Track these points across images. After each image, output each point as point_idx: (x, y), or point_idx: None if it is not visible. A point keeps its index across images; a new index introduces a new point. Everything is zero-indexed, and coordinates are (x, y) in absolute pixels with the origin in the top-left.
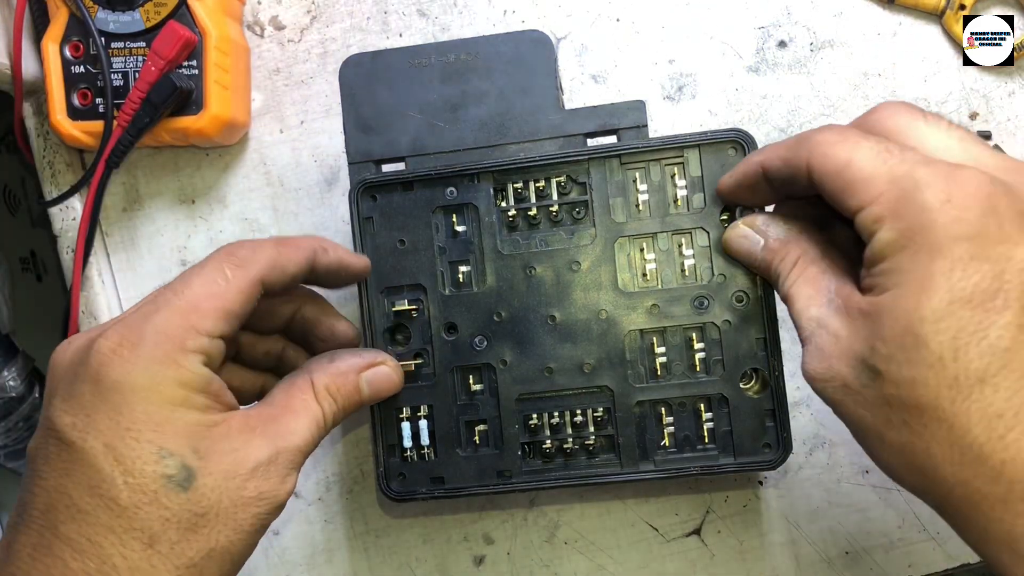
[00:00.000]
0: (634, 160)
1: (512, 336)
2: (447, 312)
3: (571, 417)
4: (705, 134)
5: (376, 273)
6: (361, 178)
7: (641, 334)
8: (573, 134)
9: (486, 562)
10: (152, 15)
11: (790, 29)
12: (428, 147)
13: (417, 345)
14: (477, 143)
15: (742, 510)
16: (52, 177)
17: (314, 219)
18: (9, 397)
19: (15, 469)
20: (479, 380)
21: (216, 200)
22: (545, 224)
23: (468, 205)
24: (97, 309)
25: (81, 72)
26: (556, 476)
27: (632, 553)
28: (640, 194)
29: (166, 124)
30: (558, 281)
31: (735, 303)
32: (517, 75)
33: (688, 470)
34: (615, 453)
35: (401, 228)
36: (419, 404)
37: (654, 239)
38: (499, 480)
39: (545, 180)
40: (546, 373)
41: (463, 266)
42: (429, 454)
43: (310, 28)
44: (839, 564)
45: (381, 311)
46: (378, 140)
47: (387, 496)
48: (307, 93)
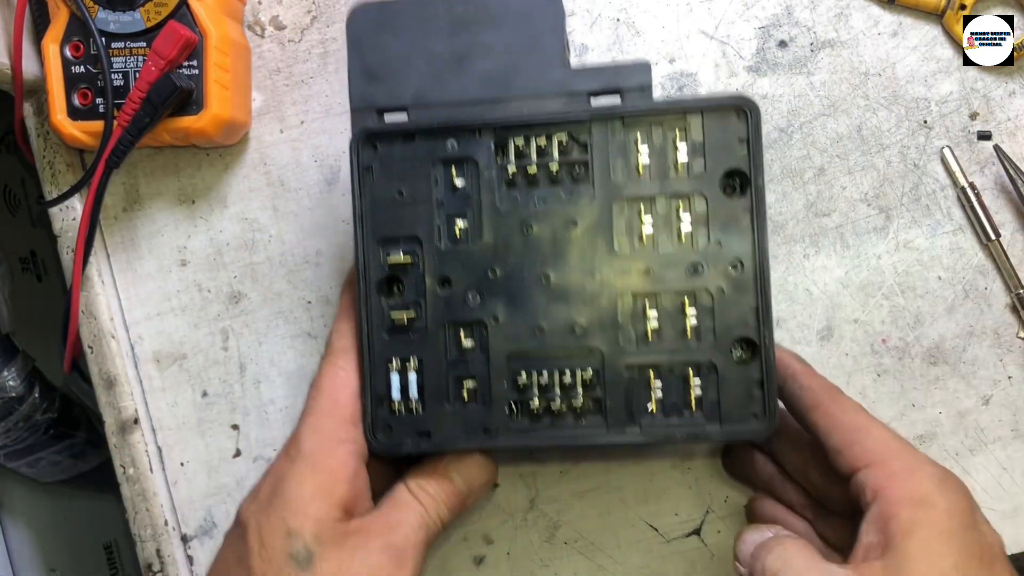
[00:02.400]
0: (637, 122)
1: (505, 293)
2: (442, 266)
3: (560, 378)
4: (709, 99)
5: (373, 222)
6: (363, 126)
7: (634, 298)
8: (577, 92)
9: (486, 562)
10: (152, 15)
11: (790, 29)
12: (431, 99)
13: (410, 298)
14: (481, 97)
15: (742, 510)
16: (52, 177)
17: (314, 219)
18: (9, 397)
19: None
20: (470, 336)
21: (216, 200)
22: (544, 182)
23: (468, 159)
24: (97, 309)
25: (81, 72)
26: (542, 436)
27: (632, 553)
28: (641, 157)
29: (166, 124)
30: (554, 240)
31: (730, 270)
32: (525, 30)
33: (674, 436)
34: (602, 416)
35: (400, 179)
36: (409, 356)
37: (652, 203)
38: (485, 437)
39: (546, 138)
40: (537, 332)
41: (460, 221)
42: (417, 408)
43: (310, 28)
44: None
45: (376, 261)
46: (382, 89)
47: (372, 451)
48: (307, 93)
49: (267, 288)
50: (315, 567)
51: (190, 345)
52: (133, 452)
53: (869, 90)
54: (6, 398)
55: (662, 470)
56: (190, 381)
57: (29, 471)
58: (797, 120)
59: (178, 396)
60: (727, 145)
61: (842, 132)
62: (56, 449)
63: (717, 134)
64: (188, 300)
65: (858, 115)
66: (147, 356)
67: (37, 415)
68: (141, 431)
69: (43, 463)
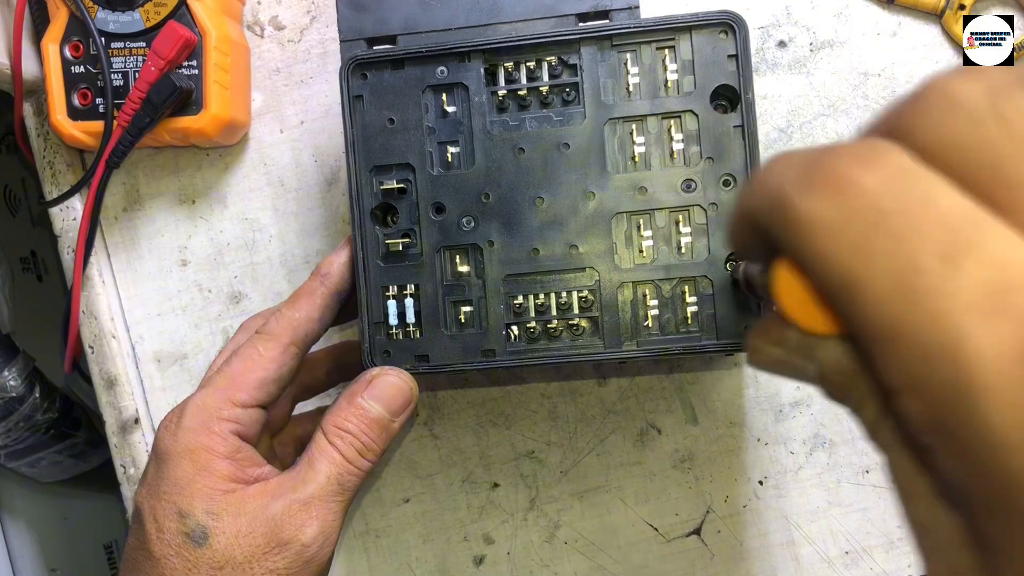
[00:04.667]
0: (625, 42)
1: (500, 217)
2: (435, 193)
3: (556, 299)
4: (696, 15)
5: (365, 151)
6: (352, 55)
7: (628, 216)
8: (565, 14)
9: (486, 562)
10: (152, 15)
11: (790, 29)
12: (420, 26)
13: (405, 225)
14: (469, 22)
15: (742, 510)
16: (52, 177)
17: (314, 219)
18: (9, 397)
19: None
20: (466, 261)
21: (216, 200)
22: (535, 106)
23: (458, 85)
24: (97, 309)
25: (81, 72)
26: (540, 355)
27: (632, 553)
28: (631, 77)
29: (166, 124)
30: (546, 163)
31: (722, 186)
32: None
33: (671, 350)
34: (599, 335)
35: (391, 107)
36: (405, 283)
37: (644, 122)
38: (483, 358)
39: (536, 61)
40: (532, 254)
41: (452, 147)
42: (415, 332)
43: (310, 28)
44: (839, 564)
45: (369, 190)
46: (370, 18)
47: None
48: (307, 93)
49: (267, 288)
50: (211, 542)
51: (191, 345)
52: (134, 452)
53: (869, 90)
54: (6, 398)
55: (662, 470)
56: (191, 381)
57: (29, 471)
58: (797, 120)
59: (179, 396)
60: (716, 62)
61: (842, 132)
62: (56, 449)
63: (706, 51)
64: (188, 300)
65: (858, 115)
66: (148, 356)
67: (37, 415)
68: (142, 431)
69: (43, 463)
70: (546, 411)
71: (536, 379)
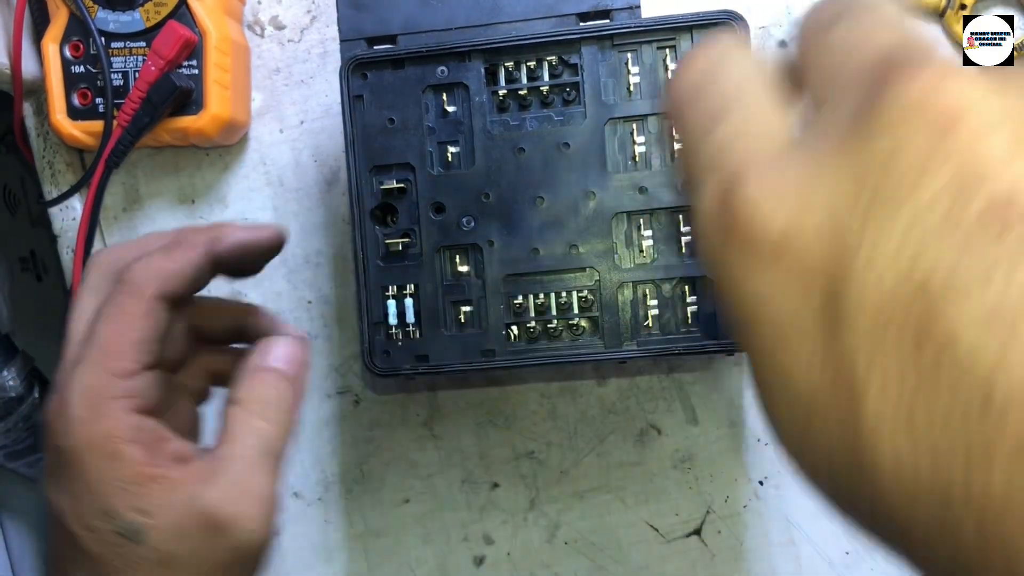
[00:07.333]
0: (626, 41)
1: (500, 217)
2: (435, 192)
3: (556, 299)
4: (698, 15)
5: (365, 151)
6: (352, 55)
7: (628, 216)
8: (566, 14)
9: (486, 562)
10: (152, 15)
11: (790, 29)
12: (420, 25)
13: (405, 225)
14: (469, 22)
15: (742, 510)
16: (52, 177)
17: (314, 219)
18: (9, 397)
19: (15, 469)
20: (466, 261)
21: (216, 200)
22: (536, 106)
23: (459, 85)
24: None
25: (81, 72)
26: (540, 355)
27: (632, 553)
28: (632, 76)
29: (166, 124)
30: (547, 162)
31: None
32: None
33: (671, 350)
34: (599, 335)
35: (391, 107)
36: (405, 283)
37: (644, 122)
38: (483, 358)
39: (536, 61)
40: (533, 254)
41: (452, 146)
42: (414, 332)
43: (310, 28)
44: (839, 564)
45: (369, 190)
46: (370, 18)
47: (371, 372)
48: (307, 93)
49: (267, 288)
50: (149, 540)
51: None
52: None
53: None
54: (6, 398)
55: (662, 470)
56: None
57: (29, 471)
58: None
59: None
60: None
61: None
62: None
63: None
64: None
65: None
66: None
67: (37, 415)
68: None
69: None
70: (546, 411)
71: (536, 379)
